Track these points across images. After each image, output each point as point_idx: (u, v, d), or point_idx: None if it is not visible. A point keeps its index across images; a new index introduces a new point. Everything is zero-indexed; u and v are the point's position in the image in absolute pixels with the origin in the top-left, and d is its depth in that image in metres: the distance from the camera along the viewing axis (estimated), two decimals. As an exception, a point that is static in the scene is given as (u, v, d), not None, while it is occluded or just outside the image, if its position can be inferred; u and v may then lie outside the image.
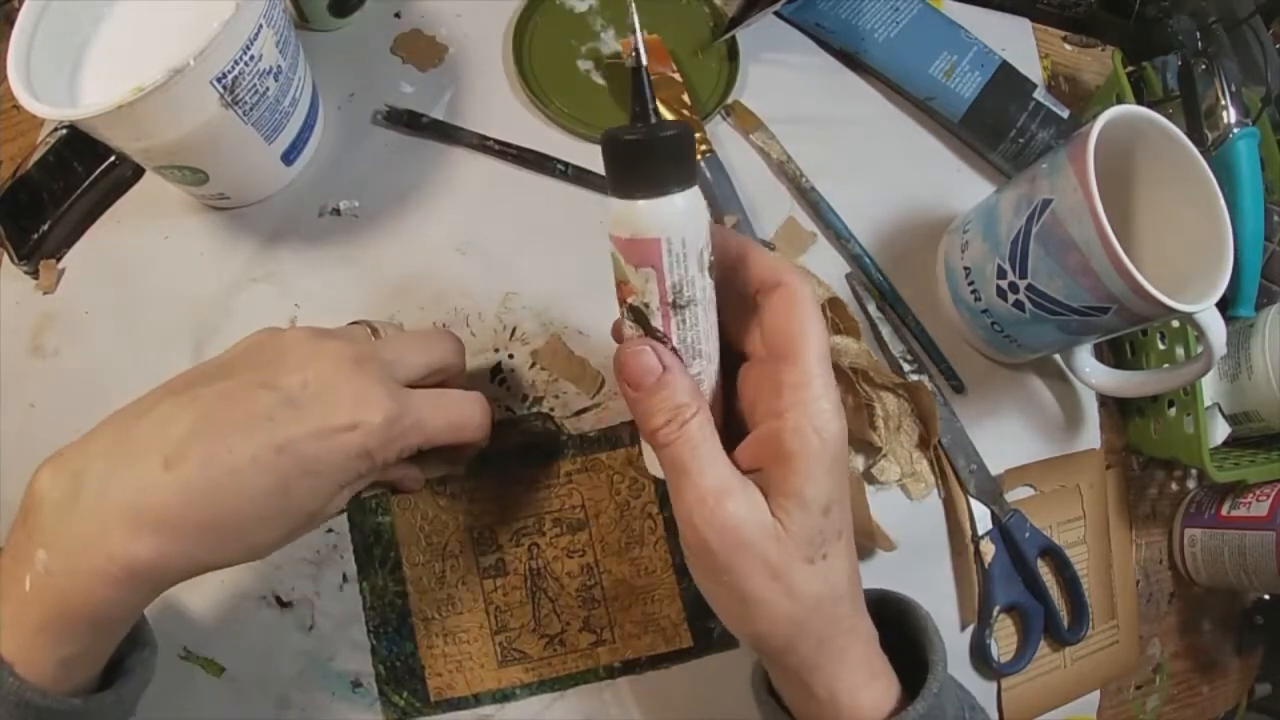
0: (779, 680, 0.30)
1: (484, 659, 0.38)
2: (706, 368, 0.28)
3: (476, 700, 0.38)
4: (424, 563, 0.39)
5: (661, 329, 0.27)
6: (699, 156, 0.43)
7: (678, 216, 0.25)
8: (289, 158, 0.42)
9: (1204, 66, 0.44)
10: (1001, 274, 0.40)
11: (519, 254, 0.44)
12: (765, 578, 0.26)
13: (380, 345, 0.31)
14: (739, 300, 0.29)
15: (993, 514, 0.43)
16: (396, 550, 0.39)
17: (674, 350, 0.27)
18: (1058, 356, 0.46)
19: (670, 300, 0.26)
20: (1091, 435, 0.47)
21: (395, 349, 0.31)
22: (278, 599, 0.38)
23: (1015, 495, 0.45)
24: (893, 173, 0.49)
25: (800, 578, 0.27)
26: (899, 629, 0.32)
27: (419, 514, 0.39)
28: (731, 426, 0.29)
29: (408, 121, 0.45)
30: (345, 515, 0.38)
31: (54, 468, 0.27)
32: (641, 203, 0.25)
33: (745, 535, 0.26)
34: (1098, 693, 0.45)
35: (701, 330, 0.27)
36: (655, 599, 0.39)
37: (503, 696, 0.38)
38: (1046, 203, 0.37)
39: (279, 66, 0.37)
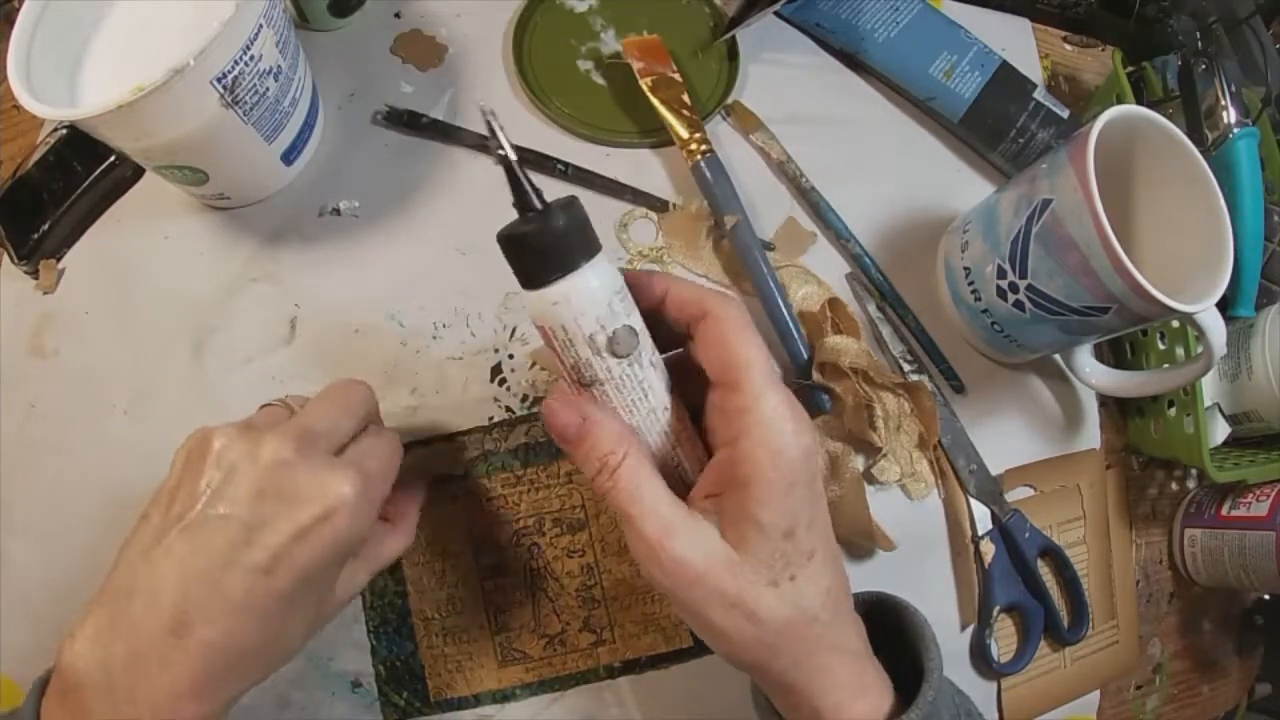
0: (768, 693, 0.30)
1: (484, 659, 0.38)
2: (645, 428, 0.28)
3: (476, 700, 0.38)
4: (424, 562, 0.38)
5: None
6: (699, 157, 0.43)
7: (553, 308, 0.26)
8: (289, 158, 0.42)
9: (1204, 66, 0.45)
10: (1001, 274, 0.40)
11: (519, 254, 0.43)
12: (722, 608, 0.26)
13: (309, 419, 0.30)
14: (679, 337, 0.29)
15: (993, 514, 0.43)
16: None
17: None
18: (1058, 356, 0.46)
19: (575, 379, 0.27)
20: (1091, 435, 0.47)
21: (324, 418, 0.30)
22: (278, 599, 0.38)
23: (1015, 495, 0.45)
24: (893, 173, 0.49)
25: (764, 603, 0.26)
26: (896, 633, 0.32)
27: (422, 514, 0.38)
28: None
29: (408, 121, 0.44)
30: None
31: (81, 652, 0.26)
32: (528, 293, 0.26)
33: (695, 570, 0.26)
34: (1098, 693, 0.45)
35: (618, 404, 0.27)
36: (655, 598, 0.39)
37: (503, 697, 0.38)
38: (1046, 203, 0.37)
39: (279, 66, 0.37)
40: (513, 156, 0.26)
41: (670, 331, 0.29)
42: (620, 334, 0.26)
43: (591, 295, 0.26)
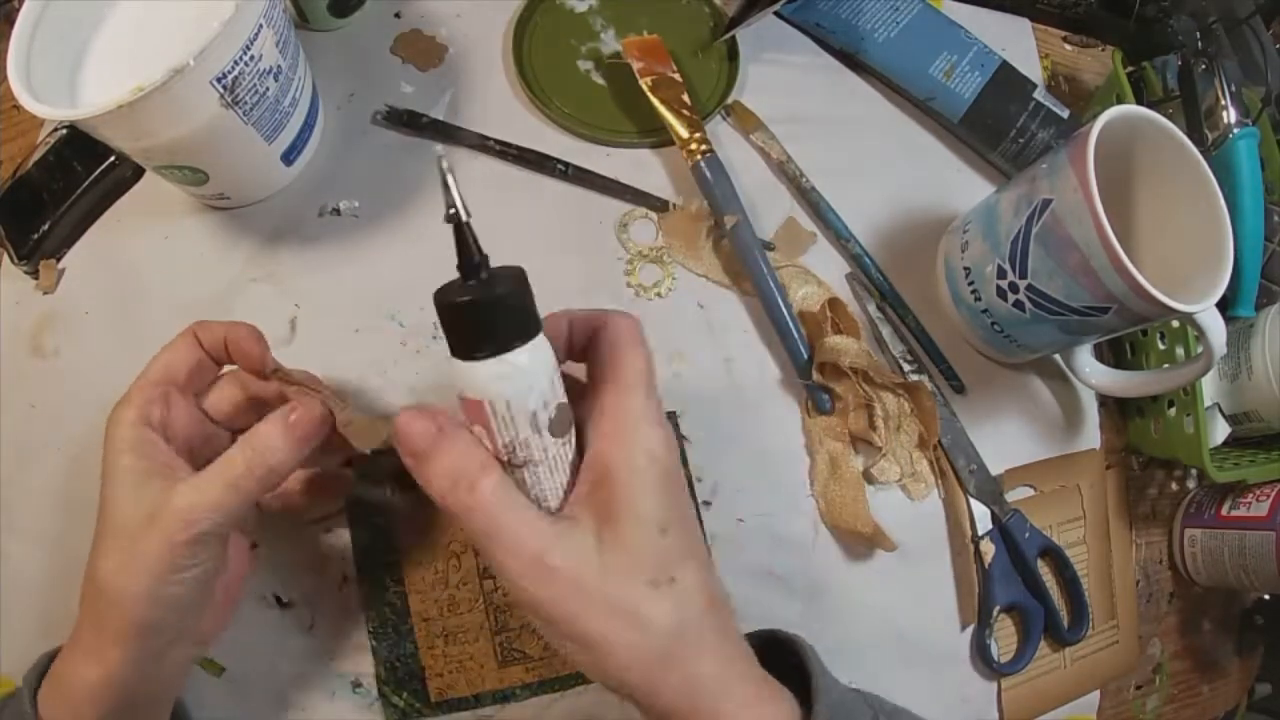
0: None
1: (484, 659, 0.38)
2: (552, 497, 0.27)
3: (477, 701, 0.38)
4: (425, 562, 0.38)
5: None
6: (699, 157, 0.43)
7: (498, 382, 0.24)
8: (289, 158, 0.42)
9: (1204, 66, 0.45)
10: (1001, 274, 0.40)
11: (519, 254, 0.43)
12: (605, 615, 0.25)
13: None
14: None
15: (993, 514, 0.43)
16: (397, 550, 0.38)
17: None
18: (1058, 356, 0.46)
19: (505, 459, 0.26)
20: (1091, 435, 0.47)
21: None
22: (278, 599, 0.38)
23: (1015, 495, 0.45)
24: (893, 173, 0.49)
25: (646, 606, 0.25)
26: (780, 662, 0.30)
27: (422, 514, 0.38)
28: None
29: (408, 121, 0.44)
30: (345, 515, 0.38)
31: None
32: (464, 364, 0.24)
33: (571, 577, 0.25)
34: (1098, 693, 0.45)
35: (548, 488, 0.26)
36: None
37: (503, 697, 0.38)
38: (1046, 203, 0.37)
39: (279, 66, 0.37)
40: (465, 216, 0.24)
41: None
42: (561, 411, 0.26)
43: (538, 369, 0.25)
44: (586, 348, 0.29)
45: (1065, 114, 0.48)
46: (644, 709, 0.26)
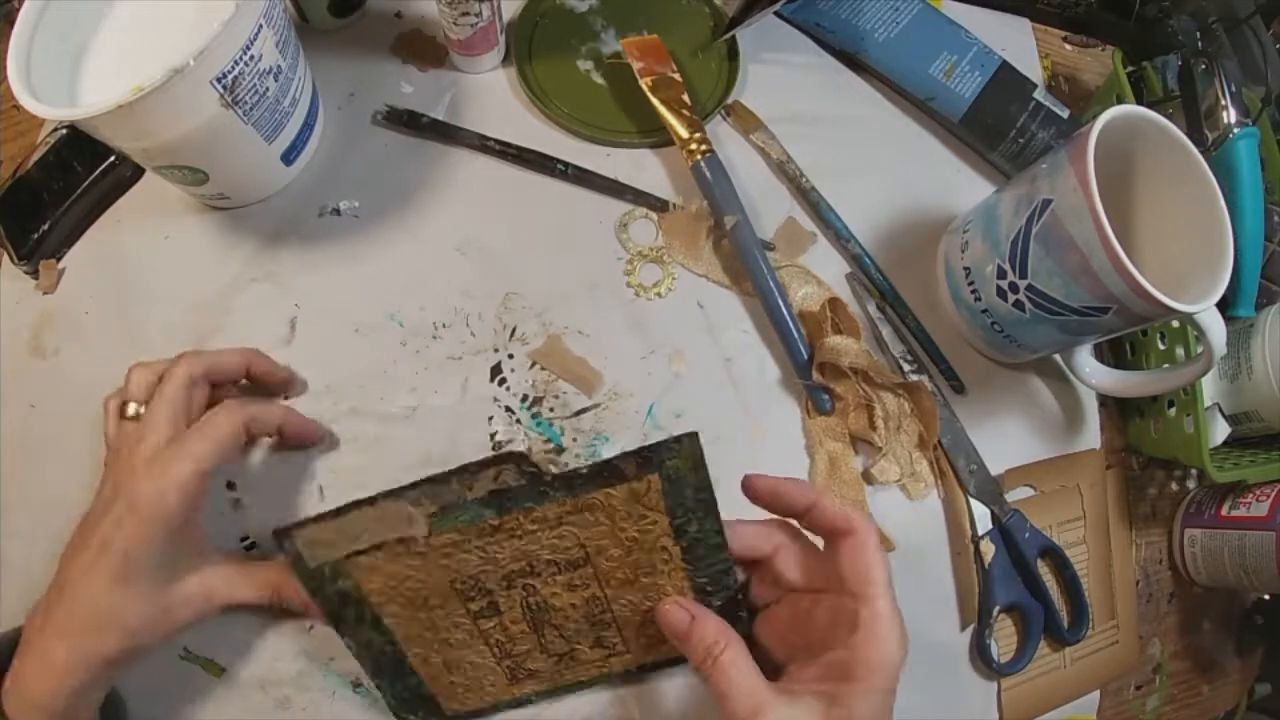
0: None
1: (494, 677, 0.37)
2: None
3: (495, 708, 0.38)
4: (407, 614, 0.35)
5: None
6: (699, 157, 0.43)
7: None
8: (289, 158, 0.42)
9: (1204, 66, 0.45)
10: (1001, 274, 0.40)
11: (519, 254, 0.44)
12: None
13: (150, 424, 0.34)
14: (790, 541, 0.35)
15: (993, 514, 0.43)
16: (371, 609, 0.34)
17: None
18: (1058, 356, 0.46)
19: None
20: (1091, 435, 0.47)
21: (161, 424, 0.34)
22: (278, 599, 0.38)
23: (1015, 495, 0.45)
24: (893, 173, 0.49)
25: None
26: None
27: (386, 575, 0.34)
28: (764, 633, 0.35)
29: (408, 121, 0.45)
30: (305, 586, 0.34)
31: None
32: None
33: None
34: (1098, 693, 0.45)
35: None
36: None
37: (517, 703, 0.38)
38: (1046, 203, 0.37)
39: (279, 66, 0.37)
40: None
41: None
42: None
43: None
44: (825, 535, 0.33)
45: (1065, 114, 0.48)
46: None
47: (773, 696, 0.30)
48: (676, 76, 0.46)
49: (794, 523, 0.35)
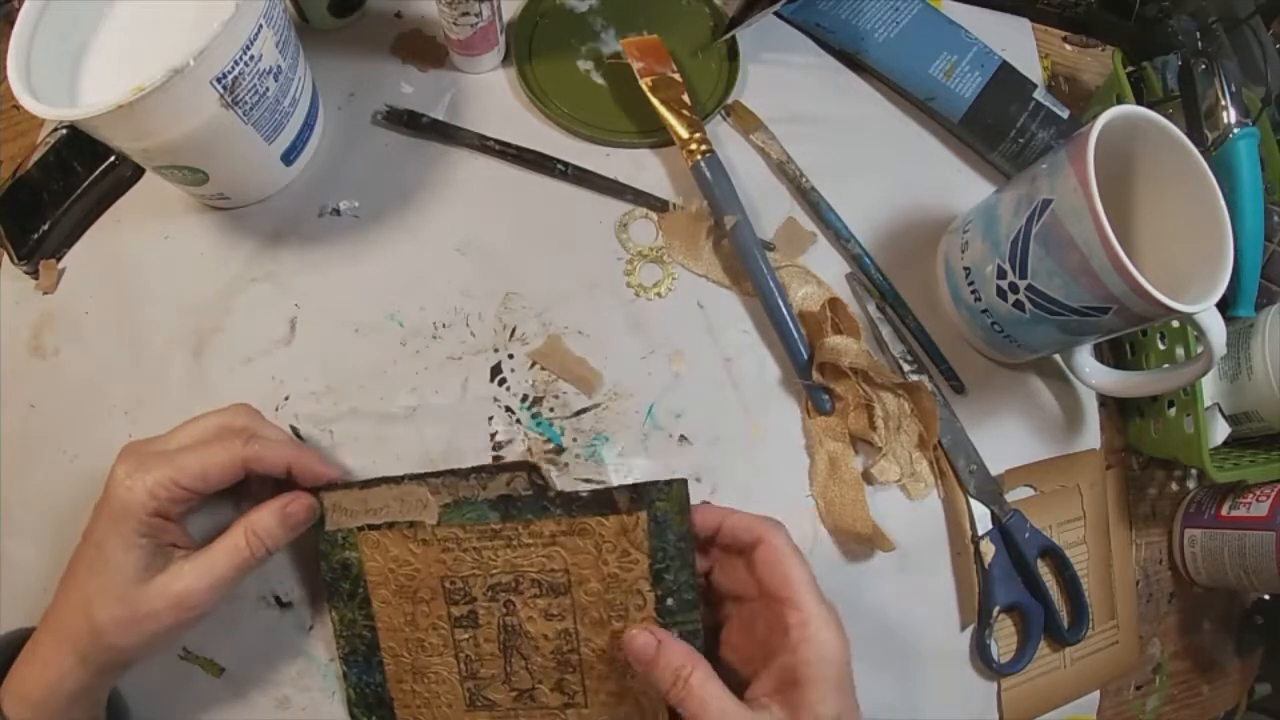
0: None
1: (452, 700, 0.37)
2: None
3: None
4: (394, 603, 0.36)
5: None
6: (699, 157, 0.43)
7: None
8: (289, 158, 0.42)
9: (1204, 66, 0.45)
10: (1001, 274, 0.40)
11: (519, 254, 0.44)
12: None
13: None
14: (723, 555, 0.36)
15: (993, 514, 0.43)
16: (365, 587, 0.36)
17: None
18: (1058, 356, 0.46)
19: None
20: (1091, 435, 0.47)
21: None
22: (277, 599, 0.38)
23: (1015, 495, 0.45)
24: (893, 173, 0.49)
25: None
26: None
27: (389, 556, 0.36)
28: (725, 652, 0.36)
29: (408, 121, 0.45)
30: (317, 547, 0.36)
31: None
32: None
33: None
34: (1098, 693, 0.45)
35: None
36: (637, 675, 0.36)
37: None
38: (1046, 203, 0.37)
39: (279, 66, 0.37)
40: None
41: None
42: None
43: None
44: (744, 552, 0.34)
45: (1065, 114, 0.48)
46: None
47: (743, 712, 0.31)
48: (676, 76, 0.46)
49: None
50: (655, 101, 0.44)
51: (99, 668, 0.32)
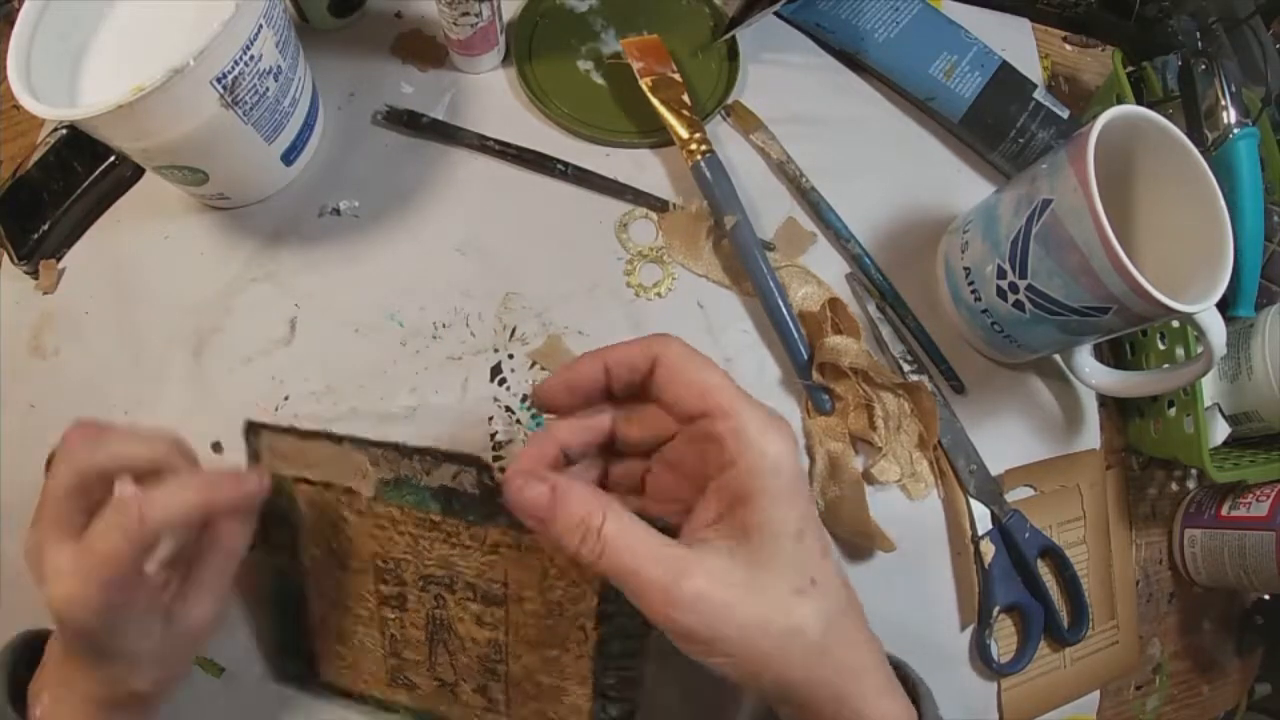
0: (801, 710, 0.27)
1: (375, 670, 0.36)
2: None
3: (362, 699, 0.37)
4: (324, 563, 0.35)
5: None
6: (699, 157, 0.43)
7: None
8: (289, 158, 0.42)
9: (1204, 66, 0.45)
10: (1001, 274, 0.40)
11: (519, 254, 0.44)
12: (759, 633, 0.25)
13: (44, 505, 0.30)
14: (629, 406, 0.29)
15: (993, 514, 0.43)
16: (296, 538, 0.35)
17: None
18: (1058, 356, 0.46)
19: None
20: (1091, 435, 0.47)
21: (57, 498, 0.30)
22: (278, 599, 0.38)
23: (1015, 495, 0.45)
24: (893, 173, 0.49)
25: (797, 614, 0.25)
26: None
27: (322, 516, 0.34)
28: (650, 507, 0.29)
29: (408, 121, 0.45)
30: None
31: None
32: None
33: (719, 599, 0.25)
34: (1098, 693, 0.45)
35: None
36: (562, 705, 0.34)
37: (385, 708, 0.37)
38: (1046, 203, 0.37)
39: (279, 66, 0.37)
40: None
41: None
42: None
43: None
44: (644, 384, 0.28)
45: (1065, 114, 0.48)
46: (790, 702, 0.27)
47: (686, 552, 0.25)
48: (676, 76, 0.46)
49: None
50: (655, 101, 0.44)
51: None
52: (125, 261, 0.42)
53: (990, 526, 0.43)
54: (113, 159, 0.42)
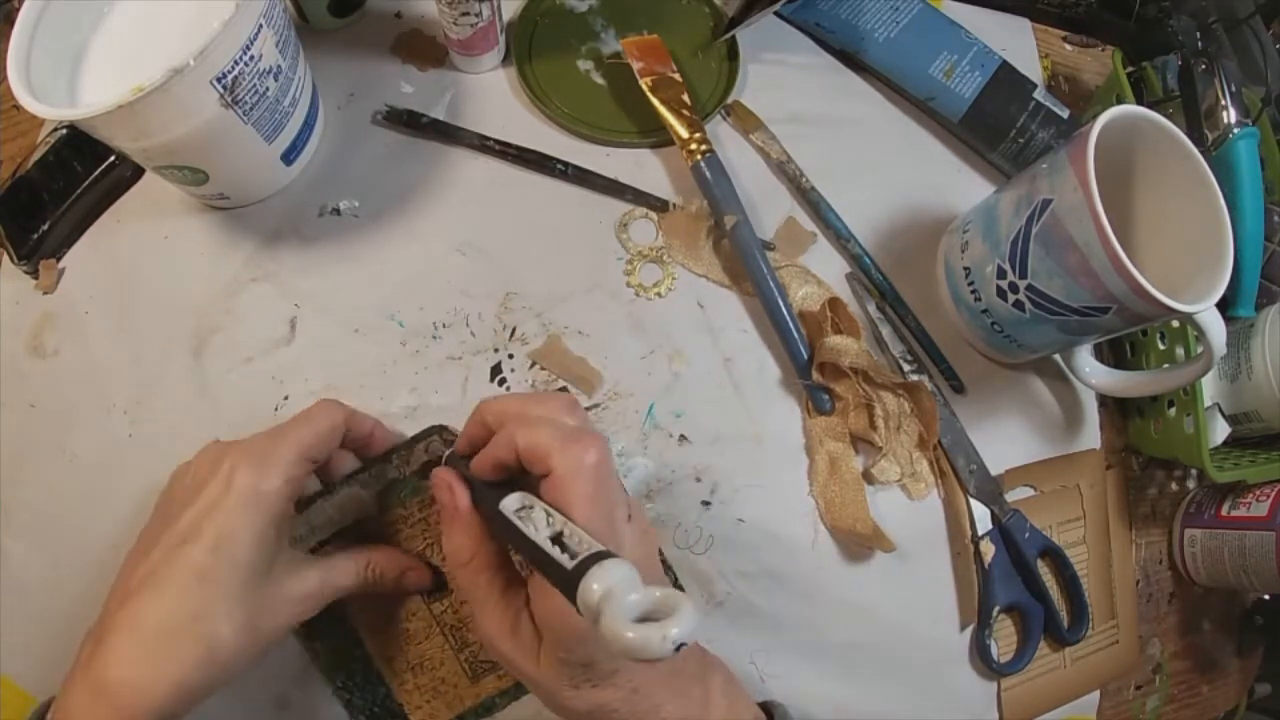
0: None
1: (456, 679, 0.37)
2: None
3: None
4: (369, 606, 0.37)
5: None
6: (699, 157, 0.43)
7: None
8: (289, 158, 0.42)
9: (1204, 66, 0.45)
10: (1001, 274, 0.40)
11: (519, 254, 0.44)
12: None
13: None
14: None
15: (993, 514, 0.43)
16: (339, 604, 0.35)
17: None
18: (1058, 356, 0.46)
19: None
20: (1091, 435, 0.47)
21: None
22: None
23: (1015, 495, 0.45)
24: (893, 173, 0.49)
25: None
26: None
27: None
28: None
29: (408, 121, 0.44)
30: None
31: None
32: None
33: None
34: (1098, 693, 0.45)
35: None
36: None
37: (485, 709, 0.37)
38: (1046, 203, 0.37)
39: (279, 66, 0.37)
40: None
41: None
42: None
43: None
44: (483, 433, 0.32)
45: (1065, 114, 0.48)
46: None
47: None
48: (676, 76, 0.46)
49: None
50: (655, 101, 0.44)
51: (189, 701, 0.28)
52: (125, 261, 0.42)
53: (990, 526, 0.43)
54: (113, 159, 0.42)
